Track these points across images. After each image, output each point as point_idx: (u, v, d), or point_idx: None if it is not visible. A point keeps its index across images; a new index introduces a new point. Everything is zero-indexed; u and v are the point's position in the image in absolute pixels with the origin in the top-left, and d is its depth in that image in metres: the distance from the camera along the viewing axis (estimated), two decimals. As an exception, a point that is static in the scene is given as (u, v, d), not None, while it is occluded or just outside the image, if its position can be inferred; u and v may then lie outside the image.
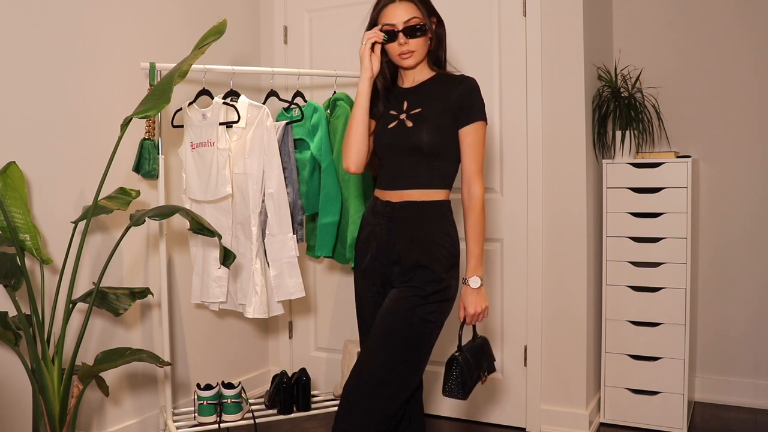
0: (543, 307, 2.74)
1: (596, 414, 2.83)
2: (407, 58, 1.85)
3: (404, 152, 1.85)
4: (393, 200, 1.86)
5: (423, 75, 1.93)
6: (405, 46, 1.83)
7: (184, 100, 2.52)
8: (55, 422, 1.87)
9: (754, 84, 2.95)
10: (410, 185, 1.84)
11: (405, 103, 1.90)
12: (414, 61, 1.86)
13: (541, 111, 2.69)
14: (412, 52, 1.84)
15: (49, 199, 2.22)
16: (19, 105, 2.13)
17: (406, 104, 1.89)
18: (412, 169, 1.84)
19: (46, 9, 2.20)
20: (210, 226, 1.90)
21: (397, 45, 1.83)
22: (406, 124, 1.85)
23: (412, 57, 1.85)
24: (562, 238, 2.70)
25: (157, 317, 2.65)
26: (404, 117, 1.87)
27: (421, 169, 1.84)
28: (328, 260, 3.12)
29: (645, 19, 3.12)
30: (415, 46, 1.83)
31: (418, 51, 1.85)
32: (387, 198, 1.88)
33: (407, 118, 1.86)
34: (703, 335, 3.07)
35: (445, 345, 2.30)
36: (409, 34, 1.82)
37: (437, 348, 1.90)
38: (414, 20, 1.82)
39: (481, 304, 1.82)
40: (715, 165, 3.03)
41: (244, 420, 2.52)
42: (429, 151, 1.82)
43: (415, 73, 1.93)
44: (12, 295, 1.90)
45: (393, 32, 1.82)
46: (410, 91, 1.92)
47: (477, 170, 1.82)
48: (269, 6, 3.25)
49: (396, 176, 1.86)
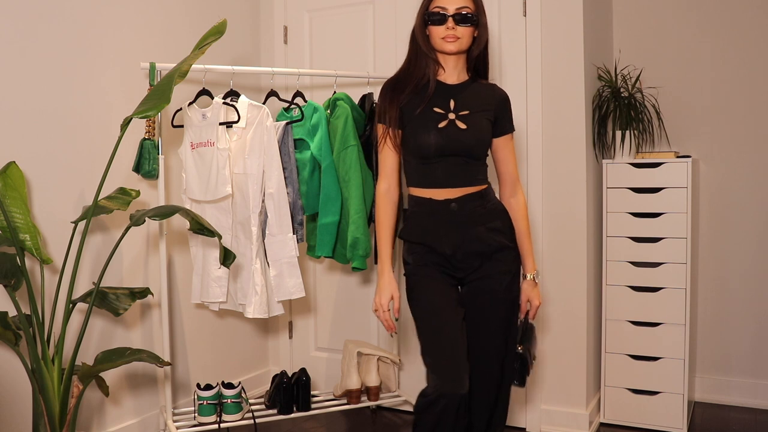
0: (543, 306, 2.74)
1: (596, 414, 2.83)
2: (451, 42, 1.83)
3: (455, 154, 1.86)
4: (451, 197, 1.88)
5: (464, 74, 1.94)
6: (452, 31, 1.82)
7: (184, 100, 2.52)
8: (55, 422, 1.87)
9: (754, 84, 2.95)
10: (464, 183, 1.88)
11: (452, 102, 1.88)
12: (457, 47, 1.85)
13: (541, 111, 2.69)
14: (458, 38, 1.83)
15: (49, 199, 2.22)
16: (20, 105, 2.13)
17: (453, 103, 1.88)
18: (463, 169, 1.88)
19: (46, 9, 2.20)
20: (210, 226, 1.90)
21: (444, 29, 1.82)
22: (458, 125, 1.85)
23: (456, 42, 1.84)
24: (562, 239, 2.70)
25: (157, 317, 2.65)
26: (454, 117, 1.86)
27: (469, 170, 1.89)
28: (328, 260, 3.12)
29: (645, 19, 3.12)
30: (461, 34, 1.83)
31: (464, 39, 1.85)
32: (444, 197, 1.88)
33: (458, 118, 1.86)
34: (703, 335, 3.07)
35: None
36: (459, 21, 1.82)
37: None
38: (466, 9, 1.83)
39: (539, 298, 1.99)
40: (715, 165, 3.03)
41: (244, 420, 2.52)
42: (477, 155, 1.89)
43: (459, 69, 1.92)
44: (12, 295, 1.90)
45: (443, 15, 1.82)
46: (456, 88, 1.91)
47: (517, 176, 1.99)
48: (269, 6, 3.25)
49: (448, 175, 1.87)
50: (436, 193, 1.88)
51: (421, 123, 1.86)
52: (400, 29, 2.85)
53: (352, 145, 2.48)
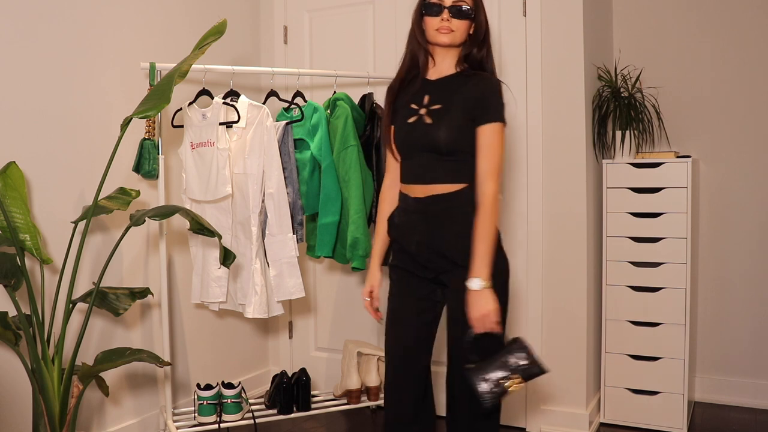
0: (543, 307, 2.74)
1: (596, 414, 2.83)
2: (445, 34, 1.80)
3: (424, 150, 1.82)
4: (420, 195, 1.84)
5: (450, 69, 1.88)
6: (446, 23, 1.79)
7: (184, 100, 2.52)
8: (55, 422, 1.87)
9: (754, 84, 2.95)
10: (435, 180, 1.81)
11: (426, 97, 1.86)
12: (450, 39, 1.80)
13: (541, 111, 2.69)
14: (452, 30, 1.80)
15: (49, 199, 2.22)
16: (19, 105, 2.13)
17: (427, 98, 1.86)
18: (434, 166, 1.82)
19: (46, 9, 2.20)
20: (210, 226, 1.90)
21: (438, 20, 1.79)
22: (425, 120, 1.82)
23: (449, 35, 1.80)
24: (562, 238, 2.70)
25: (157, 317, 2.65)
26: (424, 113, 1.84)
27: (442, 167, 1.81)
28: (328, 260, 3.12)
29: (645, 19, 3.12)
30: (456, 27, 1.79)
31: (458, 32, 1.80)
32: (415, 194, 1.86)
33: (427, 114, 1.83)
34: (703, 335, 3.07)
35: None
36: (454, 13, 1.78)
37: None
38: (463, 3, 1.79)
39: (482, 307, 1.69)
40: (715, 165, 3.03)
41: (244, 420, 2.52)
42: (447, 150, 1.79)
43: (444, 65, 1.87)
44: (12, 295, 1.90)
45: (440, 7, 1.79)
46: (433, 84, 1.88)
47: (489, 170, 1.76)
48: (269, 6, 3.25)
49: (418, 172, 1.84)
50: (409, 189, 1.87)
51: (398, 119, 1.90)
52: (400, 29, 2.85)
53: (352, 145, 2.48)
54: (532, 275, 2.74)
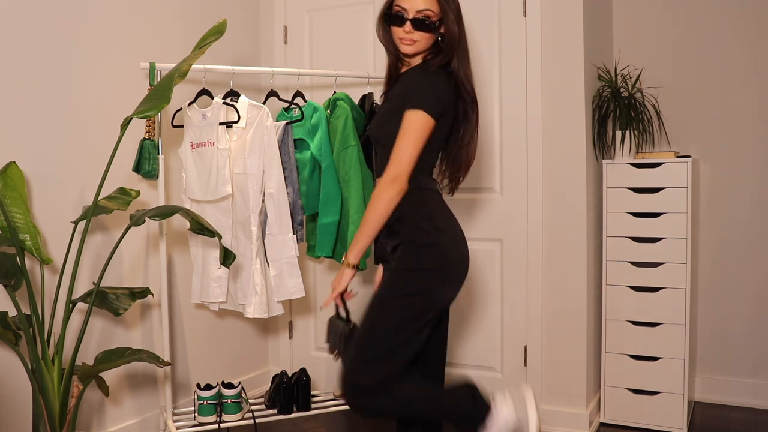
0: (543, 307, 2.74)
1: (596, 414, 2.83)
2: (407, 45, 1.80)
3: (375, 143, 1.95)
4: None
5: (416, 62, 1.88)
6: (409, 34, 1.78)
7: (184, 100, 2.52)
8: (55, 422, 1.87)
9: (754, 84, 2.95)
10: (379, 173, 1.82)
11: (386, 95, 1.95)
12: (413, 50, 1.81)
13: (541, 111, 2.69)
14: (414, 41, 1.79)
15: (49, 199, 2.22)
16: (19, 105, 2.13)
17: (386, 96, 1.95)
18: (383, 159, 1.82)
19: (45, 9, 2.20)
20: (210, 226, 1.90)
21: (401, 30, 1.78)
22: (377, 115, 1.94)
23: (412, 45, 1.80)
24: (562, 238, 2.70)
25: (157, 317, 2.65)
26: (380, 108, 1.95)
27: (385, 159, 1.79)
28: (328, 260, 3.12)
29: (645, 19, 3.12)
30: (419, 38, 1.79)
31: (421, 43, 1.79)
32: None
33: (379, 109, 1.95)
34: (703, 335, 3.07)
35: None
36: (417, 26, 1.77)
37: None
38: (428, 12, 1.76)
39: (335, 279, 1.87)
40: (715, 165, 3.03)
41: (244, 420, 2.52)
42: (383, 142, 1.82)
43: (413, 62, 1.87)
44: (12, 295, 1.90)
45: (402, 18, 1.77)
46: (398, 79, 1.91)
47: (393, 155, 1.73)
48: (269, 6, 3.25)
49: (377, 165, 1.93)
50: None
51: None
52: (400, 29, 2.85)
53: (352, 145, 2.48)
54: (532, 275, 2.74)
